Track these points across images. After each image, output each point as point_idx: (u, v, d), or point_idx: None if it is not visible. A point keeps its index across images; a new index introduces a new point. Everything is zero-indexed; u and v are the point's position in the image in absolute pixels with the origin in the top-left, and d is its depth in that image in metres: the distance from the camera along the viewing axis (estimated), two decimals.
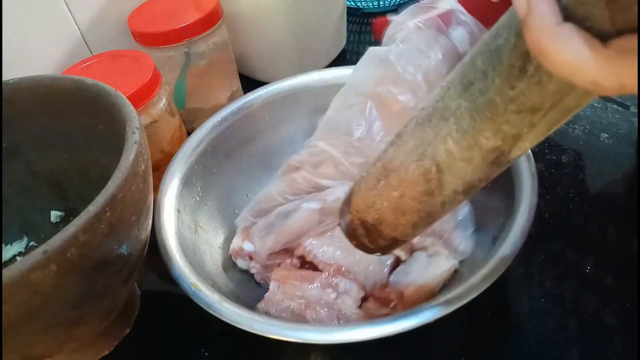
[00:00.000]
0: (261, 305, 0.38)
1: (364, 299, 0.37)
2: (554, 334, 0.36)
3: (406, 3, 0.78)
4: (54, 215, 0.44)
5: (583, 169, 0.47)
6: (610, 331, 0.36)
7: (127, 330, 0.40)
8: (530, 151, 0.37)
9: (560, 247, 0.42)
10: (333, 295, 0.36)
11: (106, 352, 0.39)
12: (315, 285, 0.37)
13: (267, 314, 0.37)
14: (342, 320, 0.35)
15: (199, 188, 0.44)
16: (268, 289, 0.39)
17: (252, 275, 0.42)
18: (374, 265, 0.38)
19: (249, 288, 0.41)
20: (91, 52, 0.55)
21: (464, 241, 0.38)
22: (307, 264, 0.39)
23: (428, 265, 0.38)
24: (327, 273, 0.37)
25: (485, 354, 0.36)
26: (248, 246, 0.41)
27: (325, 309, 0.36)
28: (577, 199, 0.45)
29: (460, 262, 0.38)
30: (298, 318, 0.36)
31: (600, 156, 0.48)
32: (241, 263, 0.42)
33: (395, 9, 0.78)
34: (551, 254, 0.41)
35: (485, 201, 0.41)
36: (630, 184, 0.45)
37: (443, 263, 0.38)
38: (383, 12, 0.78)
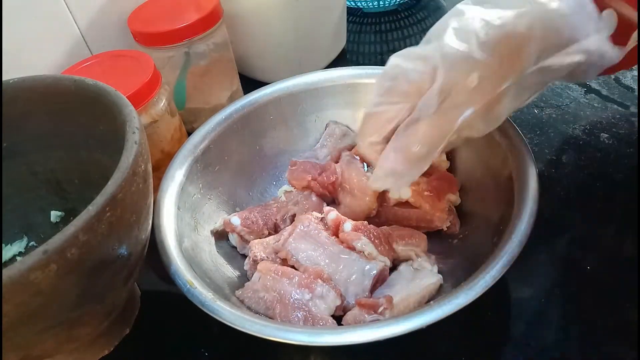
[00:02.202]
0: (238, 292, 0.38)
1: (342, 310, 0.37)
2: (554, 334, 0.36)
3: (406, 3, 0.78)
4: (54, 215, 0.44)
5: (583, 169, 0.48)
6: (611, 331, 0.36)
7: (127, 330, 0.40)
8: (532, 158, 0.37)
9: (560, 247, 0.42)
10: (307, 297, 0.36)
11: (106, 352, 0.39)
12: (292, 283, 0.37)
13: (242, 302, 0.38)
14: (310, 323, 0.35)
15: (200, 186, 0.44)
16: None
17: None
18: (356, 275, 0.38)
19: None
20: (91, 52, 0.55)
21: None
22: (290, 267, 0.39)
23: (413, 278, 0.38)
24: (306, 274, 0.37)
25: (486, 355, 0.36)
26: (235, 220, 0.42)
27: (296, 308, 0.36)
28: (577, 199, 0.45)
29: (445, 278, 0.38)
30: (266, 312, 0.36)
31: (600, 156, 0.48)
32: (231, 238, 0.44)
33: (395, 9, 0.78)
34: (551, 254, 0.41)
35: (486, 206, 0.41)
36: (630, 184, 0.45)
37: (428, 277, 0.38)
38: (383, 12, 0.78)
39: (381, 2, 0.75)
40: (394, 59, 0.35)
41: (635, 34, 0.32)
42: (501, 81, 0.32)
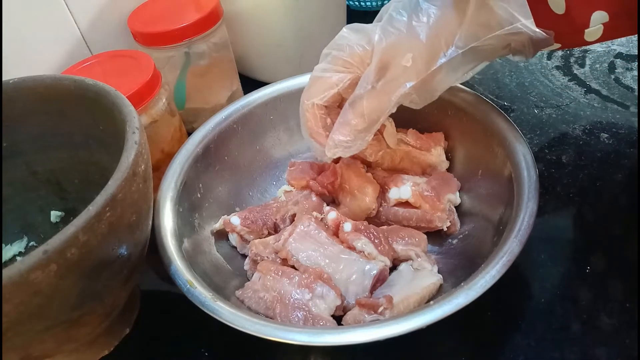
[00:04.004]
0: (238, 292, 0.38)
1: (343, 310, 0.37)
2: (554, 334, 0.36)
3: None
4: (54, 215, 0.44)
5: (583, 169, 0.48)
6: (610, 331, 0.36)
7: (127, 330, 0.40)
8: (532, 158, 0.37)
9: (560, 247, 0.42)
10: (308, 296, 0.36)
11: (106, 352, 0.39)
12: (292, 283, 0.37)
13: (242, 302, 0.38)
14: (310, 323, 0.35)
15: (200, 186, 0.44)
16: None
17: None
18: (356, 275, 0.38)
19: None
20: (91, 52, 0.55)
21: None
22: (290, 267, 0.39)
23: (413, 278, 0.38)
24: (306, 274, 0.37)
25: (486, 354, 0.36)
26: (235, 220, 0.43)
27: (296, 308, 0.36)
28: (577, 199, 0.45)
29: (445, 278, 0.38)
30: (266, 312, 0.36)
31: (600, 156, 0.48)
32: (231, 237, 0.44)
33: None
34: (551, 254, 0.41)
35: (486, 206, 0.41)
36: (630, 184, 0.45)
37: (428, 277, 0.38)
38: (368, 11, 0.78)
39: (368, 2, 0.75)
40: (344, 30, 0.39)
41: (594, 15, 0.33)
42: (434, 60, 0.36)
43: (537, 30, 0.34)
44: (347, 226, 0.40)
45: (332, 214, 0.41)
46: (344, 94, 0.39)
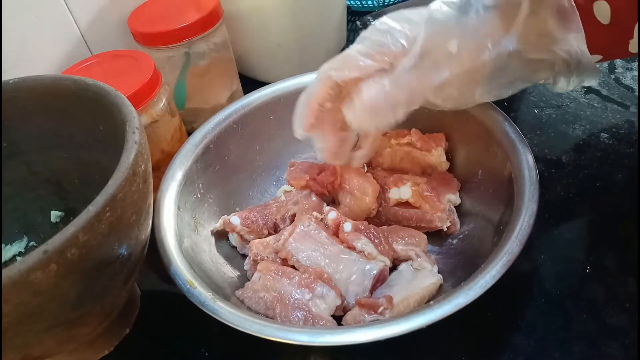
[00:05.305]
0: (238, 292, 0.38)
1: (343, 310, 0.37)
2: (554, 334, 0.36)
3: (397, 3, 0.78)
4: (54, 215, 0.44)
5: (583, 169, 0.48)
6: (611, 331, 0.36)
7: (127, 330, 0.40)
8: (532, 158, 0.37)
9: (560, 248, 0.42)
10: (308, 296, 0.36)
11: (106, 352, 0.39)
12: (292, 283, 0.37)
13: (242, 302, 0.38)
14: (310, 323, 0.35)
15: (200, 185, 0.44)
16: None
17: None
18: (356, 275, 0.38)
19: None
20: (91, 52, 0.55)
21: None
22: (290, 267, 0.39)
23: (413, 278, 0.38)
24: (306, 274, 0.37)
25: (486, 355, 0.36)
26: (235, 220, 0.42)
27: (296, 308, 0.36)
28: (577, 199, 0.45)
29: (445, 278, 0.38)
30: (266, 312, 0.36)
31: (600, 156, 0.48)
32: (231, 237, 0.44)
33: (380, 9, 0.78)
34: (551, 254, 0.41)
35: (486, 206, 0.41)
36: (630, 184, 0.45)
37: (428, 277, 0.38)
38: (368, 11, 0.78)
39: (369, 2, 0.75)
40: (385, 18, 0.37)
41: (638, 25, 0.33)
42: (479, 55, 0.35)
43: (586, 50, 0.34)
44: (347, 226, 0.40)
45: (332, 214, 0.41)
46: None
